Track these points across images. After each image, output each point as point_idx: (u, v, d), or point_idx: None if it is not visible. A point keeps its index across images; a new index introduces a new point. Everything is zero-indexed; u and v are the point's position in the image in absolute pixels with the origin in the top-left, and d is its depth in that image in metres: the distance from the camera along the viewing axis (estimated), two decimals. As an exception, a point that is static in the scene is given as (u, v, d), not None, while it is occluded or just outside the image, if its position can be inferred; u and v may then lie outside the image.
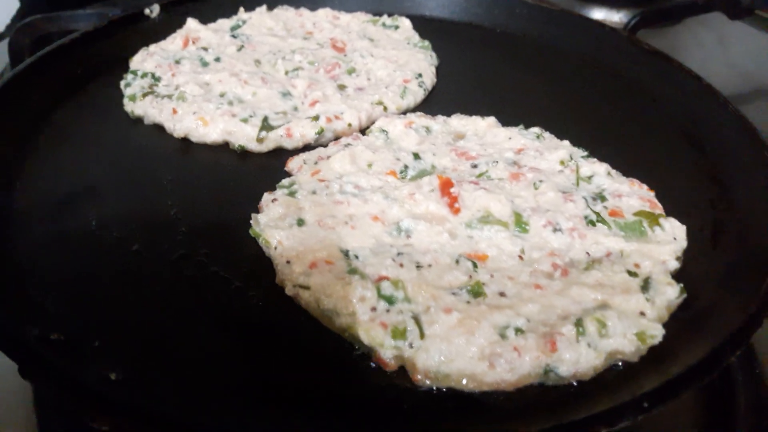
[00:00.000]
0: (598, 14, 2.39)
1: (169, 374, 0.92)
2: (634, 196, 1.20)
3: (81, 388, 0.83)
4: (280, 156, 1.34)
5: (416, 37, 1.75)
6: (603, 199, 1.19)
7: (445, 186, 1.18)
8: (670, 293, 1.02)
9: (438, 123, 1.38)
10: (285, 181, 1.23)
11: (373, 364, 0.94)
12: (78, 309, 1.00)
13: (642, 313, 0.98)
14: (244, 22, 1.76)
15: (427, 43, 1.71)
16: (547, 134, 1.37)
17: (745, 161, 1.29)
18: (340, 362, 0.95)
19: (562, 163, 1.26)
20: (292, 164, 1.29)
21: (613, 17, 2.38)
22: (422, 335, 0.92)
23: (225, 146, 1.37)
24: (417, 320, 0.94)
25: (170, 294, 1.04)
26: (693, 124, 1.44)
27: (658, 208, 1.19)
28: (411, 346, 0.92)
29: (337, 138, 1.38)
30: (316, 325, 0.99)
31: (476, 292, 0.99)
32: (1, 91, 1.38)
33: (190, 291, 1.05)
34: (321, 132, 1.37)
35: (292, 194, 1.18)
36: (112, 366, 0.89)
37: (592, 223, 1.13)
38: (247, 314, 1.01)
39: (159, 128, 1.41)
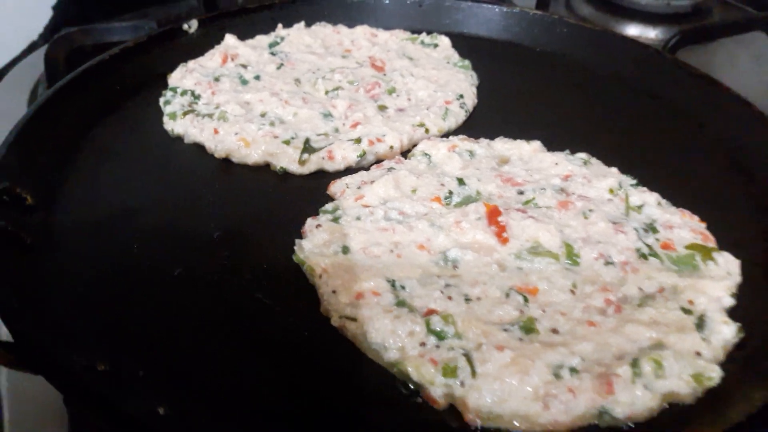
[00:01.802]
0: (634, 30, 2.36)
1: (212, 405, 0.90)
2: (685, 227, 1.17)
3: (130, 420, 0.82)
4: (321, 178, 1.33)
5: (456, 56, 1.73)
6: (654, 230, 1.16)
7: (493, 214, 1.15)
8: (727, 332, 0.99)
9: (482, 147, 1.36)
10: (328, 206, 1.21)
11: (421, 400, 0.92)
12: (121, 337, 0.98)
13: (698, 353, 0.95)
14: (282, 39, 1.76)
15: (467, 62, 1.69)
16: (594, 160, 1.34)
17: (797, 190, 1.26)
18: (387, 397, 0.93)
19: (611, 191, 1.23)
20: (335, 188, 1.27)
21: (649, 34, 2.35)
22: (474, 374, 0.90)
23: (266, 167, 1.35)
24: (468, 358, 0.91)
25: (213, 321, 1.02)
26: (742, 152, 1.40)
27: (711, 241, 1.15)
28: (462, 384, 0.90)
29: (378, 161, 1.37)
30: (363, 358, 0.97)
31: (528, 328, 0.97)
32: (41, 109, 1.37)
33: (233, 318, 1.03)
34: (363, 155, 1.35)
35: (335, 220, 1.16)
36: (158, 397, 0.87)
37: (644, 256, 1.10)
38: (292, 344, 0.99)
39: (199, 147, 1.40)
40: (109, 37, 1.94)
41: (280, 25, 1.81)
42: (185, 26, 1.76)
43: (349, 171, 1.35)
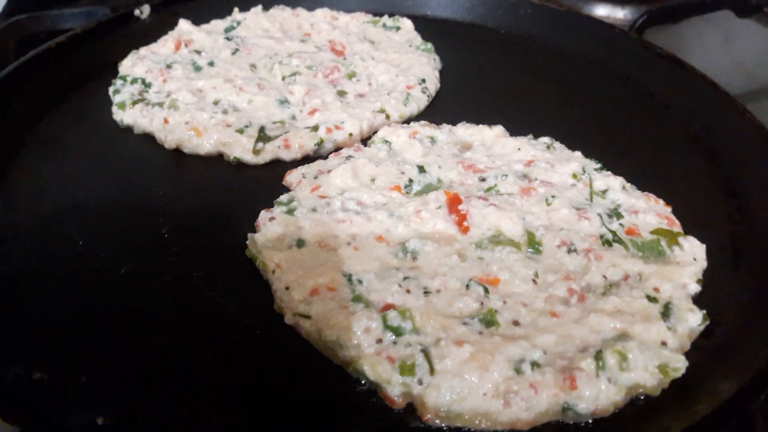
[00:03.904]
0: (602, 11, 2.32)
1: (159, 410, 0.86)
2: (650, 212, 1.14)
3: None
4: (277, 168, 1.28)
5: (418, 39, 1.68)
6: (619, 216, 1.13)
7: (453, 202, 1.12)
8: (692, 320, 0.96)
9: (443, 132, 1.32)
10: (283, 198, 1.16)
11: (378, 401, 0.88)
12: (62, 340, 0.94)
13: (663, 343, 0.93)
14: (238, 23, 1.69)
15: (430, 45, 1.65)
16: (557, 144, 1.31)
17: (763, 172, 1.24)
18: (343, 398, 0.89)
19: (574, 176, 1.20)
20: (291, 178, 1.23)
21: (617, 14, 2.31)
22: (432, 371, 0.86)
23: (219, 158, 1.30)
24: (426, 354, 0.88)
25: (161, 322, 0.98)
26: (708, 133, 1.38)
27: (676, 226, 1.13)
28: (420, 382, 0.86)
29: (337, 148, 1.32)
30: (317, 357, 0.93)
31: (489, 321, 0.93)
32: (-18, 102, 1.31)
33: (183, 319, 0.98)
34: (320, 143, 1.30)
35: (290, 212, 1.12)
36: (100, 406, 0.82)
37: (608, 243, 1.07)
38: (244, 344, 0.95)
39: (149, 138, 1.35)
40: (61, 24, 1.87)
41: (236, 9, 1.75)
42: (137, 12, 1.70)
43: (306, 159, 1.30)
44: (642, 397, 0.89)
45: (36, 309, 0.98)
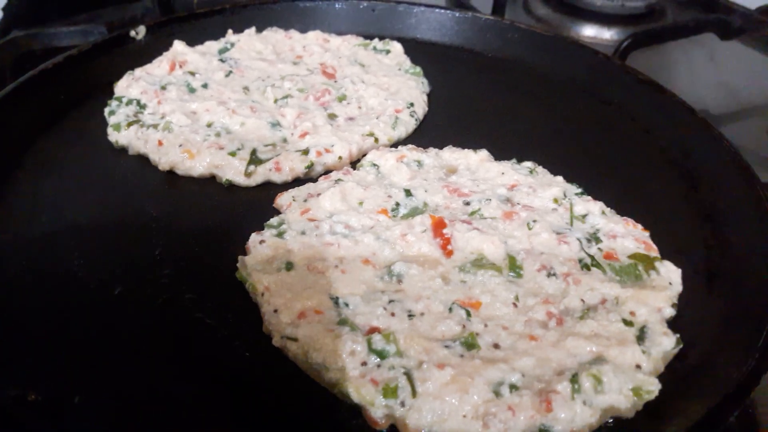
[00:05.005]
0: (590, 31, 2.38)
1: (151, 430, 0.89)
2: (629, 237, 1.18)
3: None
4: (268, 190, 1.31)
5: (408, 62, 1.72)
6: (597, 240, 1.17)
7: (438, 226, 1.15)
8: (666, 344, 1.00)
9: (430, 156, 1.35)
10: (273, 221, 1.20)
11: (361, 422, 0.91)
12: (55, 361, 0.96)
13: (638, 366, 0.96)
14: (232, 45, 1.73)
15: (418, 69, 1.69)
16: (540, 169, 1.34)
17: (739, 198, 1.27)
18: (327, 419, 0.92)
19: (555, 201, 1.24)
20: (281, 200, 1.26)
21: (604, 34, 2.37)
22: (414, 393, 0.90)
23: (212, 180, 1.33)
24: (409, 377, 0.91)
25: (153, 344, 1.00)
26: (686, 158, 1.42)
27: (654, 250, 1.17)
28: (403, 404, 0.89)
29: (327, 171, 1.35)
30: (304, 379, 0.96)
31: (470, 344, 0.97)
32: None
33: (174, 340, 1.01)
34: (311, 166, 1.34)
35: (280, 235, 1.15)
36: (93, 428, 0.85)
37: (587, 267, 1.11)
38: (233, 366, 0.98)
39: (144, 159, 1.38)
40: (58, 42, 1.91)
41: (230, 31, 1.78)
42: (132, 33, 1.73)
43: (297, 182, 1.34)
44: (617, 419, 0.92)
45: (30, 330, 1.00)
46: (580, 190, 1.28)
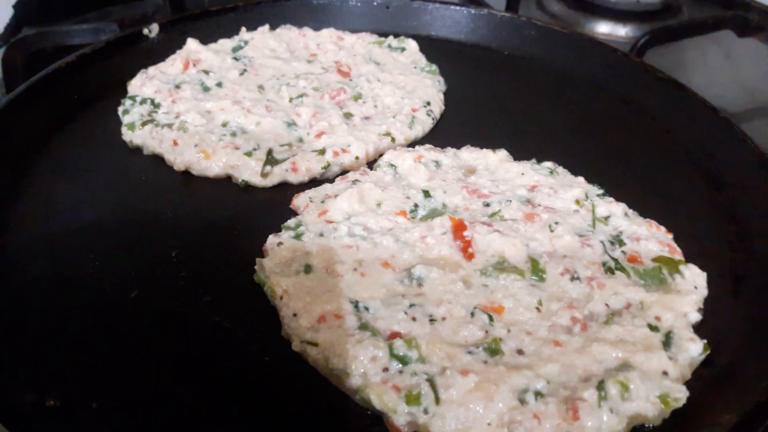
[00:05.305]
0: (604, 28, 2.36)
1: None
2: (652, 239, 1.16)
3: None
4: (284, 191, 1.30)
5: (423, 60, 1.70)
6: (621, 243, 1.15)
7: (458, 228, 1.13)
8: (693, 350, 0.98)
9: (448, 156, 1.33)
10: (291, 222, 1.18)
11: (383, 429, 0.89)
12: (73, 366, 0.94)
13: (665, 373, 0.94)
14: (246, 42, 1.71)
15: (434, 67, 1.67)
16: (560, 169, 1.32)
17: (764, 199, 1.25)
18: (348, 426, 0.90)
19: (577, 202, 1.22)
20: (298, 202, 1.24)
21: (619, 32, 2.34)
22: (437, 400, 0.88)
23: (228, 180, 1.32)
24: (432, 383, 0.89)
25: (171, 347, 0.99)
26: (709, 158, 1.40)
27: (678, 253, 1.15)
28: (426, 411, 0.87)
29: (344, 171, 1.34)
30: (324, 384, 0.95)
31: (493, 350, 0.95)
32: (-8, 124, 1.33)
33: (192, 344, 1.00)
34: (327, 166, 1.32)
35: (298, 237, 1.13)
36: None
37: (610, 270, 1.09)
38: (253, 371, 0.96)
39: (159, 159, 1.36)
40: (69, 40, 1.89)
41: (243, 29, 1.77)
42: (146, 31, 1.71)
43: (313, 182, 1.32)
44: (643, 427, 0.90)
45: (47, 334, 0.99)
46: (601, 191, 1.26)
